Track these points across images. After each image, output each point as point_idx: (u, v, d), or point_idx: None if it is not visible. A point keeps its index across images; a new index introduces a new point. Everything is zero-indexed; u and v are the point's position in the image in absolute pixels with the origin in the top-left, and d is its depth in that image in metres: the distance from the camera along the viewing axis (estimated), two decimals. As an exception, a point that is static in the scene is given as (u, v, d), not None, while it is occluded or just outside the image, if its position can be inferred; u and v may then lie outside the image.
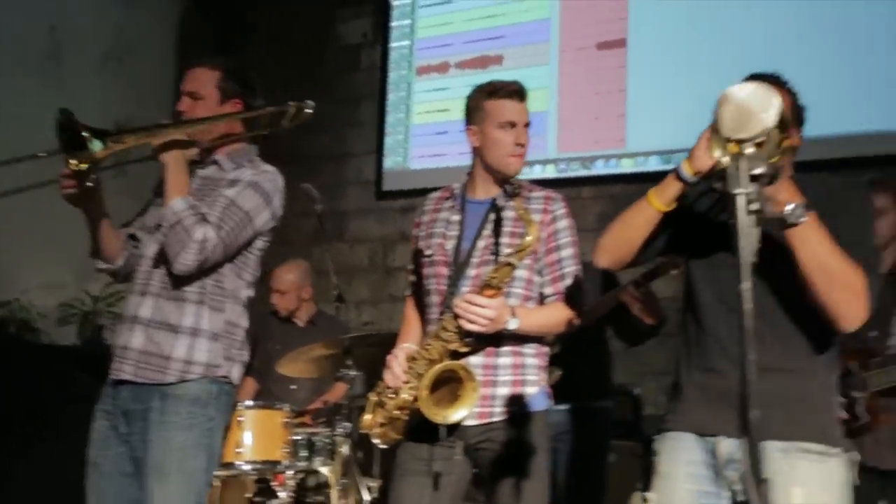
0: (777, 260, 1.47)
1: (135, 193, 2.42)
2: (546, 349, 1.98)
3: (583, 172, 4.07)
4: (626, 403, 3.00)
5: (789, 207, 1.37)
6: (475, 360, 1.87)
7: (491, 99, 1.97)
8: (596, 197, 4.01)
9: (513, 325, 1.83)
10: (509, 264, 1.79)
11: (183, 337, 1.87)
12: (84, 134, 1.76)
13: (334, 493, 2.70)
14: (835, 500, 1.38)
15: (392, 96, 4.65)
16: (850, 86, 3.62)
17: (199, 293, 1.89)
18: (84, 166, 1.76)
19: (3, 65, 4.05)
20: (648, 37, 4.07)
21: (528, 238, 1.77)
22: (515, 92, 1.97)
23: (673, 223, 1.58)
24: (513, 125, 1.94)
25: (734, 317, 1.49)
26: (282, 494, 2.63)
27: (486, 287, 1.81)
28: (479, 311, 1.79)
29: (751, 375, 0.93)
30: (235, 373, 1.94)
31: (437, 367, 1.82)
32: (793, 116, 1.55)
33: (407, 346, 2.01)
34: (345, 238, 4.52)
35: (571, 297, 1.92)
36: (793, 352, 1.47)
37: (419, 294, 2.11)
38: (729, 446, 1.46)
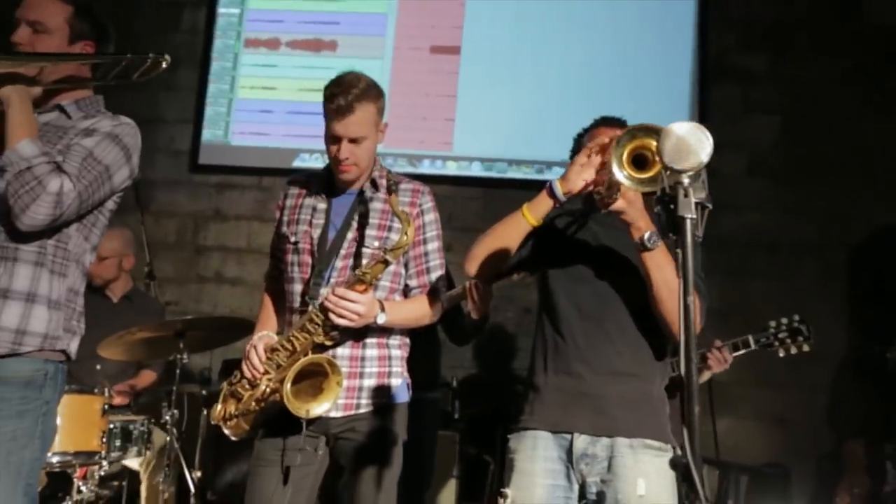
0: (629, 278, 1.69)
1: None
2: (408, 340, 2.04)
3: (409, 169, 4.18)
4: (447, 395, 3.17)
5: (647, 234, 1.59)
6: (342, 352, 1.89)
7: (325, 104, 1.97)
8: (420, 195, 4.15)
9: (381, 319, 1.86)
10: (385, 261, 1.83)
11: (14, 303, 1.63)
12: None
13: (144, 487, 2.53)
14: (668, 490, 1.62)
15: (216, 65, 4.40)
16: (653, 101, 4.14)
17: (38, 253, 1.66)
18: None
19: None
20: (481, 48, 4.29)
21: (405, 238, 1.81)
22: (340, 109, 1.92)
23: (532, 238, 1.73)
24: (337, 139, 1.92)
25: (591, 325, 1.69)
26: (84, 488, 2.41)
27: (358, 282, 1.83)
28: (349, 307, 1.81)
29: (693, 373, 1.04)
30: (74, 347, 1.73)
31: (303, 360, 1.82)
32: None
33: (266, 334, 1.96)
34: (150, 210, 4.19)
35: (435, 290, 2.00)
36: (640, 359, 1.69)
37: (278, 280, 2.07)
38: (583, 442, 1.65)
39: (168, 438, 2.53)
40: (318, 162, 4.28)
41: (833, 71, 4.00)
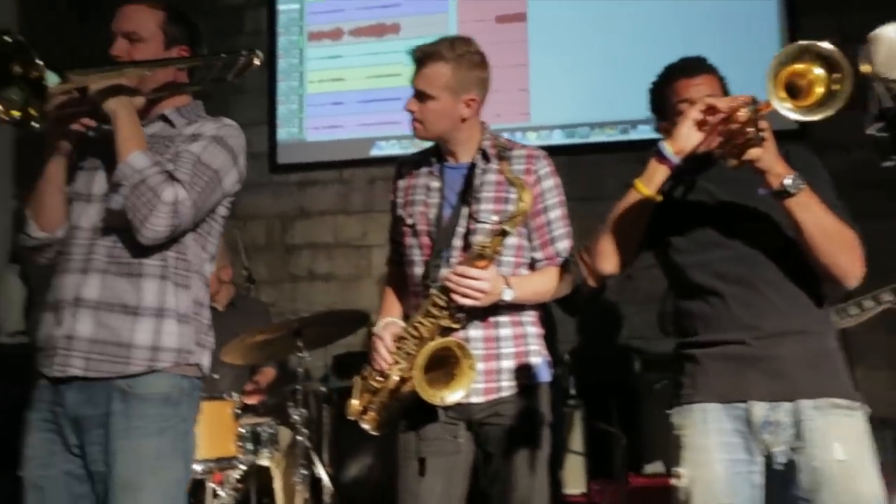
0: (774, 231, 1.55)
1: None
2: (541, 316, 1.94)
3: (488, 145, 4.09)
4: (564, 371, 3.09)
5: (789, 179, 1.44)
6: (475, 334, 1.82)
7: None
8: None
9: (508, 295, 1.77)
10: (503, 232, 1.73)
11: (145, 319, 1.60)
12: (38, 63, 1.44)
13: (278, 486, 2.55)
14: (866, 451, 1.49)
15: (283, 63, 4.38)
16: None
17: (161, 267, 1.62)
18: (35, 114, 1.46)
19: None
20: (548, 11, 4.14)
21: (522, 204, 1.72)
22: (415, 59, 1.91)
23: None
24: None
25: (739, 289, 1.56)
26: (222, 493, 2.43)
27: (478, 257, 1.74)
28: (472, 284, 1.73)
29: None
30: (206, 361, 1.70)
31: (431, 346, 1.74)
32: None
33: (391, 321, 1.91)
34: (236, 214, 4.22)
35: (564, 260, 1.89)
36: (804, 313, 1.55)
37: (400, 265, 2.00)
38: (762, 409, 1.52)
39: (296, 437, 2.52)
40: (394, 149, 4.23)
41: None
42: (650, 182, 1.54)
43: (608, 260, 1.61)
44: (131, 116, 1.62)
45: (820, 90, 1.32)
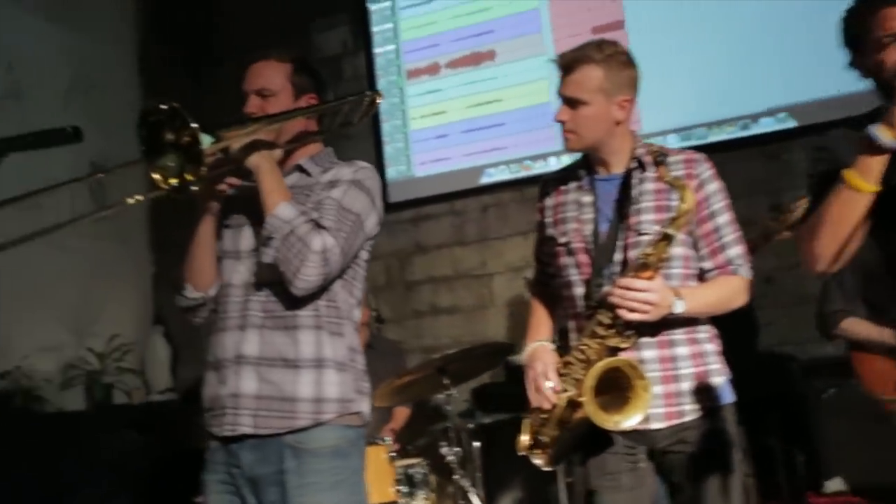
0: None
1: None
2: (717, 332, 1.80)
3: (600, 159, 3.99)
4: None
5: None
6: (649, 355, 1.69)
7: None
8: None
9: (679, 307, 1.65)
10: (666, 237, 1.62)
11: (306, 371, 1.61)
12: (193, 126, 1.48)
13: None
14: None
15: (384, 104, 4.45)
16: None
17: (315, 317, 1.63)
18: (193, 178, 1.49)
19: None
20: (646, 15, 4.02)
21: (684, 204, 1.60)
22: (561, 66, 1.81)
23: None
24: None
25: None
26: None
27: (642, 268, 1.63)
28: (639, 297, 1.61)
29: None
30: (366, 408, 1.69)
31: (598, 367, 1.63)
32: None
33: (540, 346, 1.82)
34: (355, 257, 4.29)
35: (738, 267, 1.75)
36: None
37: (546, 285, 1.93)
38: None
39: (452, 476, 2.48)
40: (504, 174, 4.20)
41: None
42: (868, 174, 1.37)
43: (826, 262, 1.46)
44: (274, 169, 1.64)
45: None
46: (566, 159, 4.25)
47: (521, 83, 4.23)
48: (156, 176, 1.52)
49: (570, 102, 1.78)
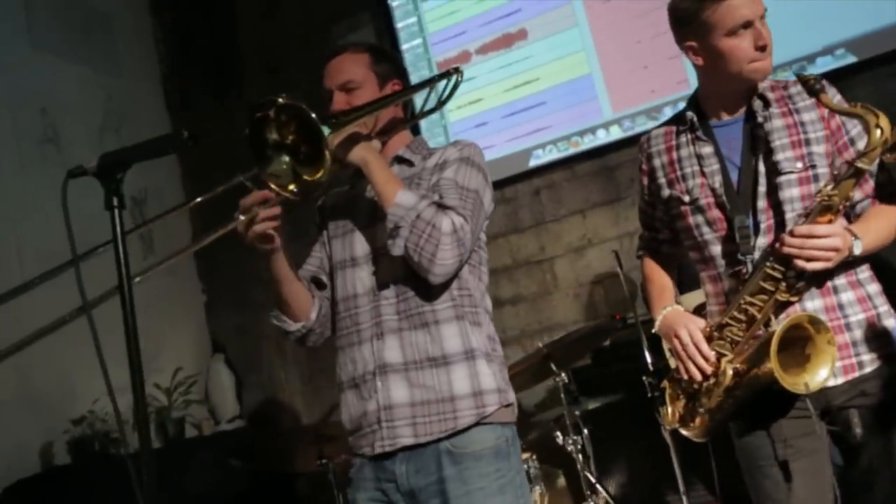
0: None
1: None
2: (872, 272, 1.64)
3: (651, 124, 3.82)
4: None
5: None
6: (811, 305, 1.55)
7: (710, 4, 1.59)
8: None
9: (858, 248, 1.51)
10: (857, 172, 1.45)
11: (457, 367, 1.50)
12: (314, 117, 1.36)
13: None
14: None
15: (418, 99, 4.34)
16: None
17: (453, 307, 1.53)
18: (315, 177, 1.38)
19: (2, 163, 3.63)
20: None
21: (878, 132, 1.42)
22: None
23: None
24: (748, 25, 1.57)
25: None
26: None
27: (824, 210, 1.48)
28: (821, 244, 1.46)
29: None
30: (514, 399, 1.59)
31: (783, 326, 1.48)
32: None
33: (675, 311, 1.68)
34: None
35: (892, 192, 1.61)
36: None
37: (659, 252, 1.84)
38: None
39: (576, 466, 2.33)
40: (552, 154, 4.06)
41: None
42: None
43: None
44: (381, 160, 1.55)
45: None
46: (616, 130, 4.12)
47: (557, 58, 4.09)
48: (273, 186, 1.41)
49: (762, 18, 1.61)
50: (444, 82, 1.69)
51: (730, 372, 1.55)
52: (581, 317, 3.85)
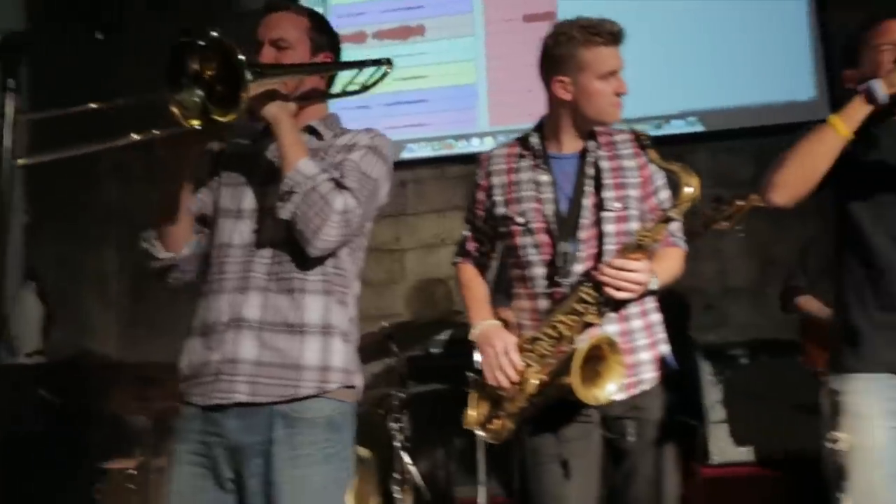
0: None
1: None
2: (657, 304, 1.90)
3: (522, 144, 4.05)
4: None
5: None
6: (611, 329, 1.74)
7: (589, 47, 1.80)
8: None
9: (655, 284, 1.73)
10: (667, 220, 1.67)
11: (312, 338, 1.51)
12: (241, 58, 1.34)
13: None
14: None
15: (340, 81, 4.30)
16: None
17: (324, 282, 1.54)
18: (223, 119, 1.35)
19: None
20: (578, 9, 4.11)
21: (689, 189, 1.65)
22: (615, 36, 1.82)
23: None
24: (613, 74, 1.81)
25: None
26: None
27: (637, 248, 1.69)
28: (630, 277, 1.66)
29: None
30: (361, 384, 1.62)
31: (588, 344, 1.67)
32: None
33: (493, 326, 1.83)
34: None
35: (678, 240, 1.86)
36: None
37: (482, 265, 1.98)
38: None
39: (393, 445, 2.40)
40: (425, 151, 4.17)
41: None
42: (849, 121, 1.51)
43: (783, 192, 1.58)
44: (293, 123, 1.54)
45: None
46: (490, 142, 4.30)
47: (448, 62, 4.22)
48: (175, 112, 1.37)
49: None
50: (373, 69, 1.70)
51: (535, 382, 1.72)
52: (421, 311, 3.98)
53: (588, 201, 1.79)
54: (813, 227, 3.18)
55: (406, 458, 2.50)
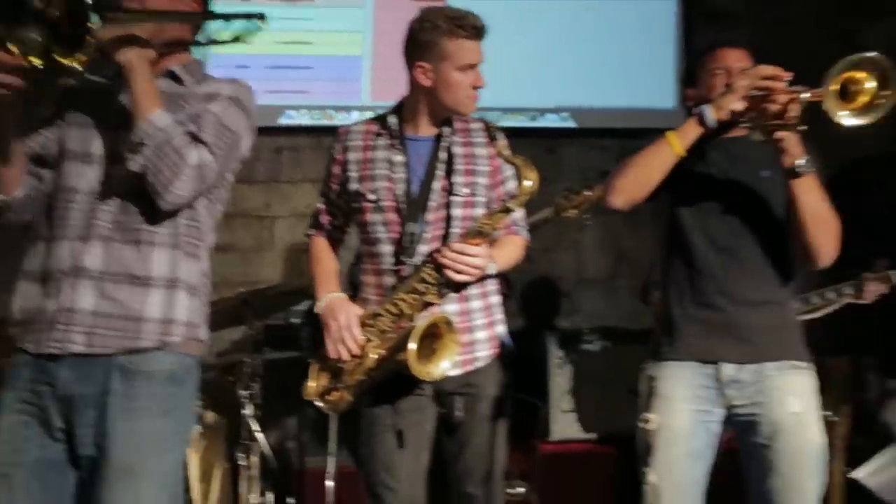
0: (767, 211, 1.72)
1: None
2: (498, 286, 2.00)
3: (402, 122, 4.08)
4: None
5: (803, 160, 1.61)
6: (451, 309, 1.83)
7: (452, 38, 1.86)
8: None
9: (493, 269, 1.83)
10: (507, 210, 1.77)
11: (156, 290, 1.49)
12: (88, 3, 1.29)
13: (194, 474, 2.39)
14: (815, 404, 1.69)
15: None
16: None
17: (172, 235, 1.51)
18: (66, 61, 1.29)
19: None
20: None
21: (528, 183, 1.75)
22: (479, 31, 1.90)
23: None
24: (472, 67, 1.87)
25: (726, 257, 1.72)
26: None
27: (477, 234, 1.77)
28: (469, 261, 1.75)
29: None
30: (206, 337, 1.61)
31: (424, 324, 1.74)
32: None
33: (338, 298, 1.88)
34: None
35: (520, 228, 1.98)
36: (774, 287, 1.75)
37: (333, 238, 2.02)
38: (731, 370, 1.69)
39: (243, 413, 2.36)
40: (305, 119, 4.12)
41: (802, 11, 4.16)
42: (684, 139, 1.68)
43: (621, 196, 1.73)
44: (148, 71, 1.48)
45: (864, 99, 1.50)
46: (369, 115, 4.28)
47: (335, 31, 4.17)
48: (12, 48, 1.29)
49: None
50: (243, 22, 1.67)
51: (373, 356, 1.79)
52: (287, 280, 3.94)
53: (438, 185, 1.86)
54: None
55: (254, 426, 2.49)
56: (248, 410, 2.43)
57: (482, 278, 1.85)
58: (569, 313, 3.98)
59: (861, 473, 2.49)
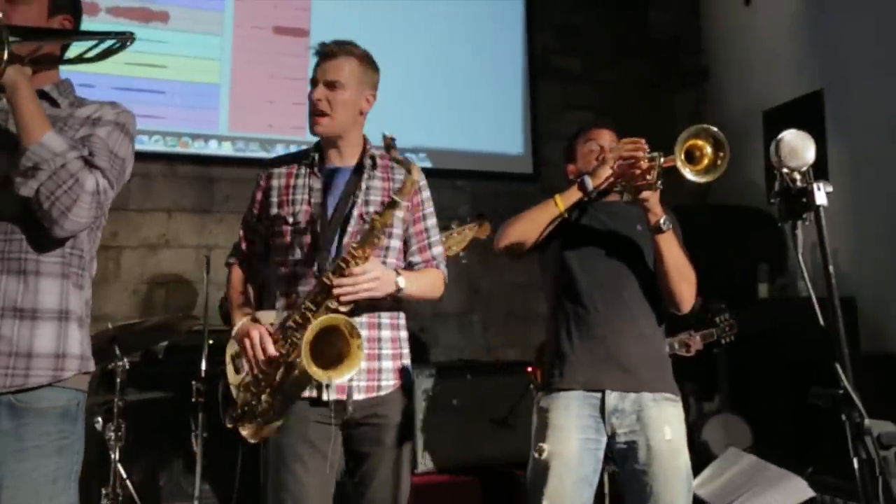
0: (634, 257, 1.96)
1: None
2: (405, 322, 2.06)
3: (264, 154, 4.03)
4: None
5: (663, 219, 1.88)
6: (362, 334, 1.85)
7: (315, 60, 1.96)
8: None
9: (402, 283, 1.86)
10: (393, 204, 1.79)
11: (47, 324, 1.41)
12: None
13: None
14: (683, 432, 1.93)
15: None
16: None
17: (62, 264, 1.45)
18: None
19: None
20: (330, 34, 4.23)
21: (411, 176, 1.78)
22: (325, 53, 1.93)
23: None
24: (315, 82, 1.92)
25: (611, 296, 1.94)
26: None
27: (370, 231, 1.79)
28: (359, 281, 1.77)
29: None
30: (93, 368, 1.53)
31: (320, 321, 1.73)
32: None
33: (256, 323, 1.88)
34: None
35: (439, 263, 2.05)
36: (651, 324, 1.97)
37: (250, 264, 2.03)
38: (614, 399, 1.89)
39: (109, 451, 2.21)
40: (158, 145, 3.94)
41: (632, 74, 4.71)
42: (567, 201, 1.94)
43: (507, 241, 1.97)
44: (32, 90, 1.41)
45: (706, 161, 1.79)
46: (228, 146, 4.21)
47: (191, 56, 4.05)
48: None
49: (329, 85, 1.89)
50: (112, 42, 1.61)
51: (282, 370, 1.80)
52: (135, 314, 3.72)
53: (356, 211, 1.90)
54: (516, 267, 3.71)
55: (120, 470, 2.34)
56: (115, 450, 2.27)
57: (394, 309, 1.91)
58: (428, 347, 4.12)
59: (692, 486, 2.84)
